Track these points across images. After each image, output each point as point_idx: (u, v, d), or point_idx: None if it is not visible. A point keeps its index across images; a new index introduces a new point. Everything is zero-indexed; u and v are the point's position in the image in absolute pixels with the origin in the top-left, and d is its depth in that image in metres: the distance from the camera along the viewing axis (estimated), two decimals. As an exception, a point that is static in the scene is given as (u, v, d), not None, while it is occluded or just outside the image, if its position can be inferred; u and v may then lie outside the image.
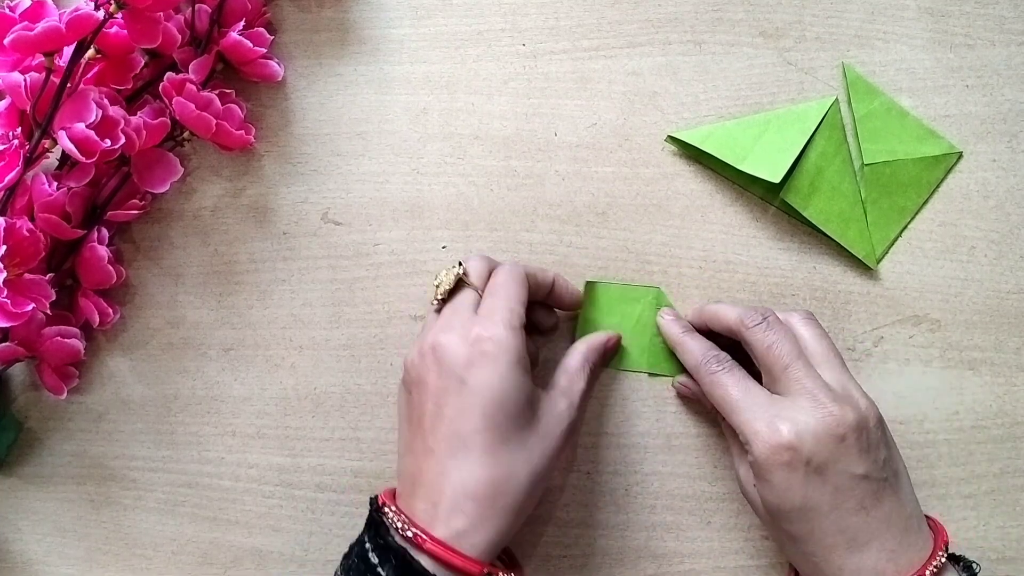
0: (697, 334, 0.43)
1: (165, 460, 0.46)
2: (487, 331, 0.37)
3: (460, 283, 0.40)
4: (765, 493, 0.37)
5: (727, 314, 0.41)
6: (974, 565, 0.37)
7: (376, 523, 0.37)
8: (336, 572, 0.37)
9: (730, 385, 0.39)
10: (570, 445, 0.43)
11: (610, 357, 0.44)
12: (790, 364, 0.38)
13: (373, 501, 0.38)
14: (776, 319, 0.40)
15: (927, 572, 0.35)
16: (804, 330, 0.40)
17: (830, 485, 0.36)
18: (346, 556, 0.37)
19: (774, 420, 0.37)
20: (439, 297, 0.40)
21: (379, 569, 0.35)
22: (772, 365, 0.38)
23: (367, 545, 0.36)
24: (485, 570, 0.35)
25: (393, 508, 0.36)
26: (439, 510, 0.35)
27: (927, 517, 0.38)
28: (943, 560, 0.36)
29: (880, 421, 0.38)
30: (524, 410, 0.37)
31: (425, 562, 0.35)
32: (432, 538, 0.35)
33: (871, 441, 0.37)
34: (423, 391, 0.37)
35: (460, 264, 0.40)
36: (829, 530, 0.36)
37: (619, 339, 0.44)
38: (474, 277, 0.40)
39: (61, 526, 0.46)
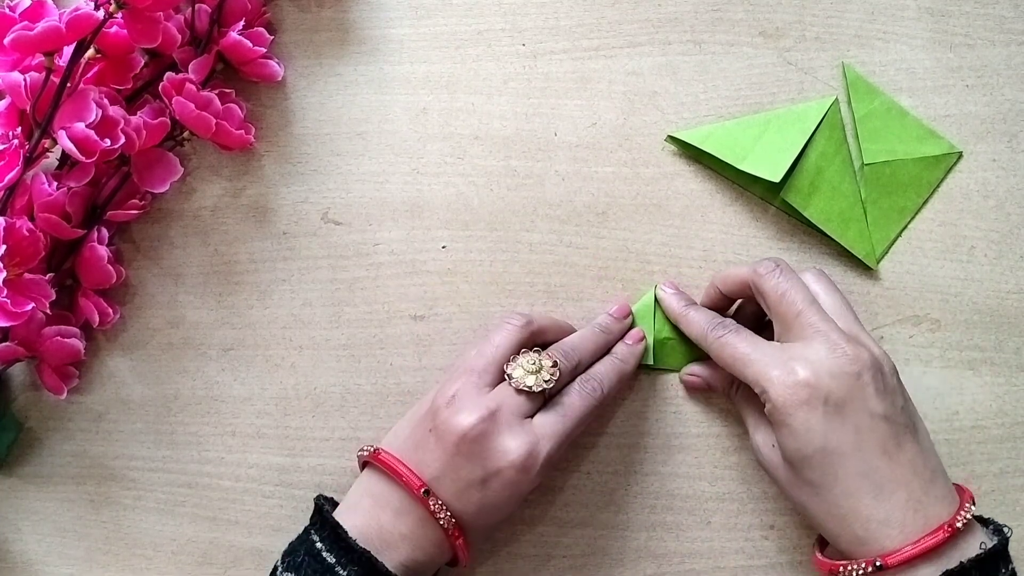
0: (699, 306, 0.43)
1: (165, 460, 0.46)
2: (533, 460, 0.37)
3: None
4: (786, 441, 0.37)
5: (738, 270, 0.41)
6: (1005, 529, 0.36)
7: (331, 524, 0.37)
8: (276, 567, 0.38)
9: (739, 343, 0.39)
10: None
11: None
12: (803, 309, 0.38)
13: (323, 500, 0.39)
14: (788, 267, 0.40)
15: (957, 523, 0.35)
16: (816, 285, 0.40)
17: (850, 423, 0.35)
18: (289, 554, 0.38)
19: (789, 362, 0.37)
20: (516, 381, 0.39)
21: (337, 568, 0.36)
22: (785, 312, 0.38)
23: (318, 545, 0.37)
24: (424, 488, 0.37)
25: (367, 446, 0.39)
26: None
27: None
28: (970, 515, 0.35)
29: (895, 370, 0.38)
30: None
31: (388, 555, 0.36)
32: (386, 452, 0.38)
33: (888, 384, 0.37)
34: (443, 451, 0.37)
35: (555, 370, 0.39)
36: (853, 473, 0.35)
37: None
38: (558, 387, 0.40)
39: (61, 526, 0.46)
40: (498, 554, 0.44)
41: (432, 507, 0.37)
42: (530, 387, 0.38)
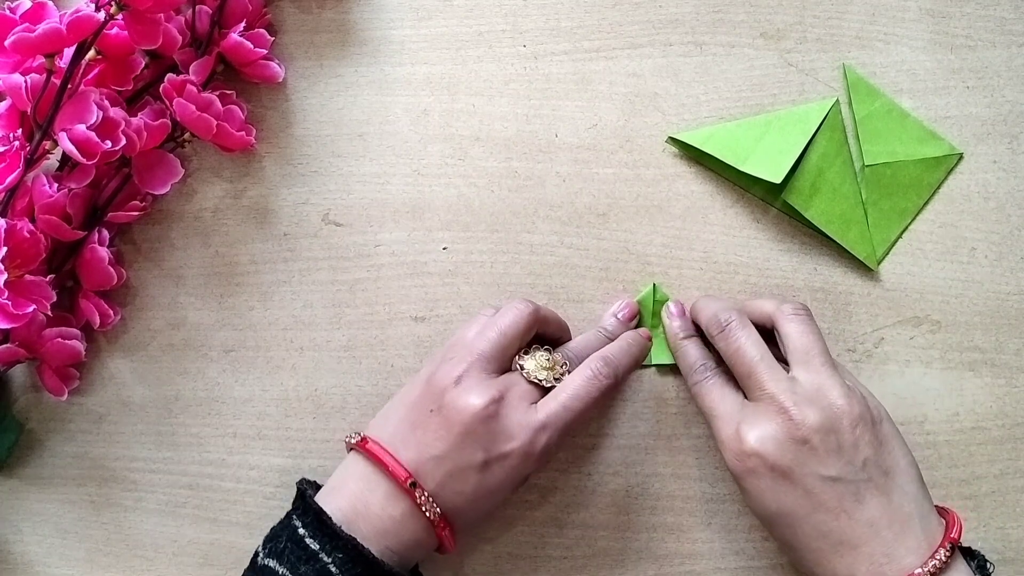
0: (695, 338, 0.43)
1: (166, 461, 0.46)
2: (538, 437, 0.37)
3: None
4: (746, 500, 0.38)
5: (700, 316, 0.42)
6: (988, 565, 0.36)
7: (315, 511, 0.37)
8: (257, 554, 0.37)
9: (708, 394, 0.40)
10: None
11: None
12: (751, 370, 0.38)
13: (305, 484, 0.39)
14: (738, 324, 0.40)
15: (924, 571, 0.34)
16: (789, 326, 0.39)
17: (799, 489, 0.36)
18: (271, 540, 0.38)
19: (739, 427, 0.37)
20: (531, 378, 0.39)
21: (322, 555, 0.36)
22: (737, 372, 0.39)
23: (300, 531, 0.37)
24: (410, 480, 0.37)
25: (353, 432, 0.39)
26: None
27: (944, 511, 0.37)
28: (943, 559, 0.34)
29: (862, 419, 0.36)
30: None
31: (372, 541, 0.36)
32: (374, 440, 0.38)
33: (843, 442, 0.36)
34: (449, 429, 0.37)
35: (565, 367, 0.40)
36: (811, 535, 0.36)
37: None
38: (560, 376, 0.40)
39: (62, 527, 0.46)
40: (498, 554, 0.44)
41: (418, 499, 0.37)
42: (541, 380, 0.39)
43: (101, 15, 0.40)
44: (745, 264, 0.45)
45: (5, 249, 0.39)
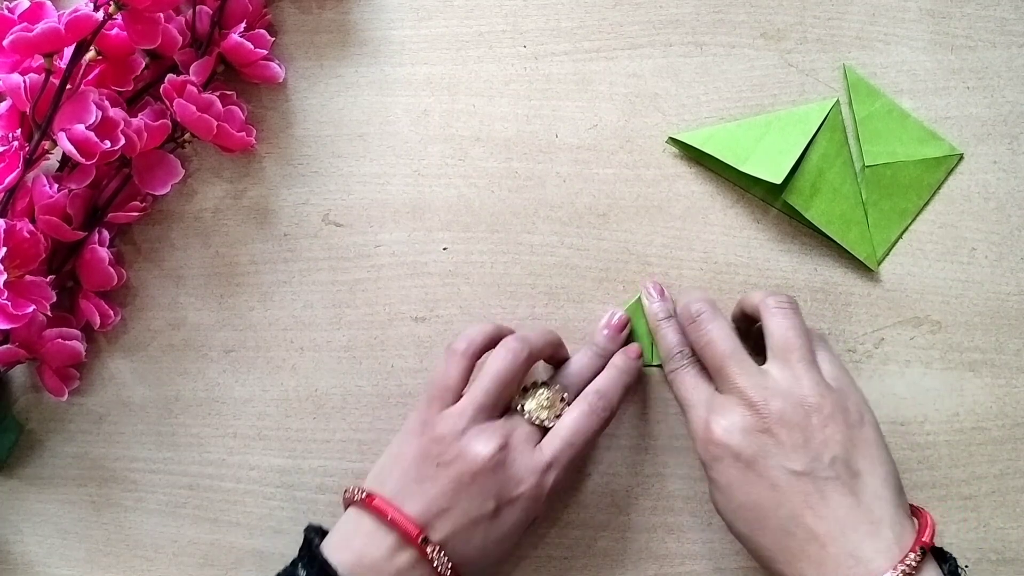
0: (674, 323, 0.43)
1: (166, 462, 0.46)
2: (546, 476, 0.38)
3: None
4: (714, 496, 0.38)
5: (677, 306, 0.42)
6: (961, 571, 0.36)
7: (320, 562, 0.36)
8: None
9: (682, 383, 0.40)
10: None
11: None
12: (721, 364, 0.38)
13: (312, 532, 0.38)
14: (709, 316, 0.40)
15: (893, 575, 0.33)
16: (771, 320, 0.39)
17: (765, 481, 0.35)
18: None
19: (708, 417, 0.38)
20: (535, 422, 0.39)
21: None
22: (708, 364, 0.39)
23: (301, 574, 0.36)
24: (421, 536, 0.36)
25: (355, 488, 0.38)
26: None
27: (917, 512, 0.36)
28: (913, 563, 0.33)
29: (833, 418, 0.36)
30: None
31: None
32: (380, 497, 0.37)
33: (810, 437, 0.35)
34: (453, 476, 0.37)
35: (564, 402, 0.40)
36: (778, 531, 0.35)
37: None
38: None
39: (62, 528, 0.46)
40: (499, 556, 0.44)
41: (429, 554, 0.36)
42: (543, 421, 0.39)
43: (99, 15, 0.40)
44: (745, 264, 0.45)
45: (5, 249, 0.39)
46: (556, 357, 0.43)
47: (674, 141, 0.46)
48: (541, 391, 0.40)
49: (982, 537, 0.43)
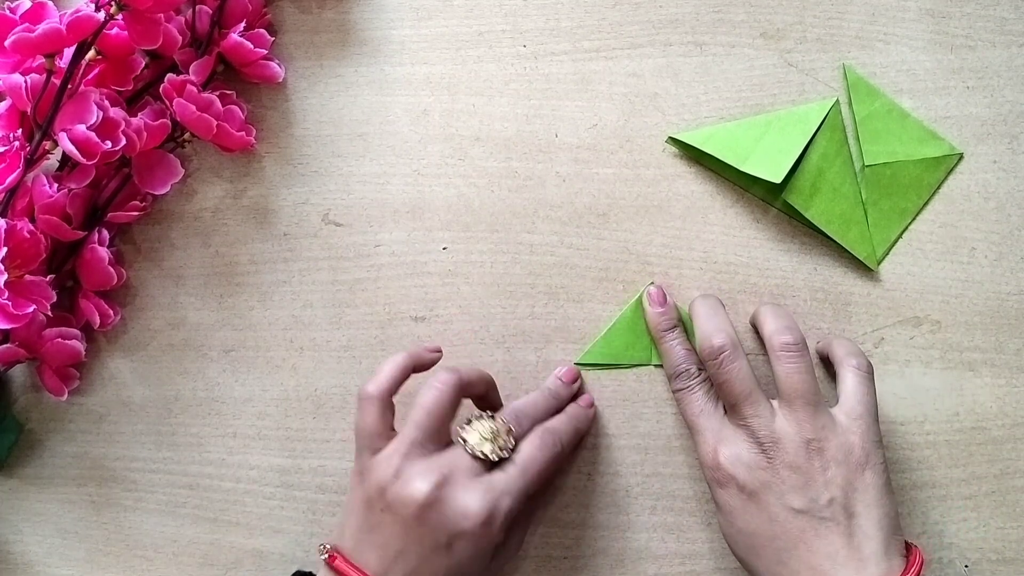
0: (679, 335, 0.43)
1: (166, 461, 0.46)
2: (492, 517, 0.36)
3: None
4: (718, 516, 0.40)
5: (698, 341, 0.41)
6: None
7: None
8: None
9: (690, 406, 0.41)
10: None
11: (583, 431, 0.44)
12: (737, 402, 0.39)
13: None
14: (731, 355, 0.39)
15: None
16: (778, 365, 0.39)
17: (765, 513, 0.37)
18: None
19: (717, 445, 0.39)
20: (469, 446, 0.38)
21: None
22: (725, 400, 0.40)
23: None
24: None
25: (321, 547, 0.37)
26: None
27: (911, 550, 0.37)
28: None
29: (836, 462, 0.37)
30: (484, 570, 0.38)
31: None
32: (340, 556, 0.37)
33: (810, 480, 0.37)
34: (395, 523, 0.36)
35: (511, 438, 0.39)
36: (772, 559, 0.37)
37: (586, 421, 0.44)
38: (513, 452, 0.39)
39: (62, 527, 0.46)
40: (499, 555, 0.44)
41: None
42: (486, 455, 0.38)
43: (101, 15, 0.40)
44: (745, 264, 0.45)
45: (5, 249, 0.39)
46: (488, 399, 0.42)
47: (674, 141, 0.46)
48: (485, 422, 0.39)
49: (982, 537, 0.43)
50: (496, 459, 0.38)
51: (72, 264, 0.45)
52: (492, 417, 0.39)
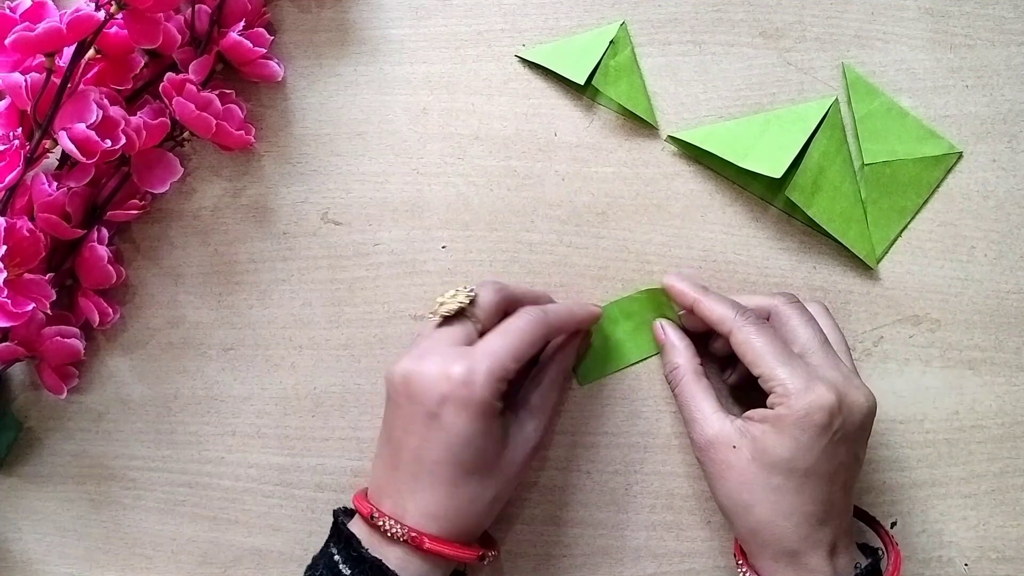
0: (713, 293, 0.42)
1: (165, 460, 0.46)
2: (470, 375, 0.36)
3: (462, 311, 0.39)
4: (778, 448, 0.36)
5: (751, 299, 0.41)
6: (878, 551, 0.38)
7: (346, 536, 0.37)
8: None
9: (768, 340, 0.38)
10: (536, 459, 0.43)
11: (582, 353, 0.44)
12: (818, 347, 0.38)
13: (340, 513, 0.39)
14: (802, 307, 0.40)
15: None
16: (822, 320, 0.40)
17: (839, 458, 0.36)
18: (311, 568, 0.38)
19: (816, 381, 0.36)
20: (438, 316, 0.39)
21: None
22: (804, 345, 0.39)
23: (336, 557, 0.37)
24: (481, 553, 0.38)
25: (384, 515, 0.37)
26: (404, 523, 0.37)
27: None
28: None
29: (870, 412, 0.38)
30: (491, 447, 0.37)
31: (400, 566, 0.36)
32: (431, 537, 0.36)
33: (868, 431, 0.38)
34: (395, 412, 0.38)
35: (471, 291, 0.39)
36: (816, 498, 0.36)
37: (586, 333, 0.44)
38: (480, 310, 0.39)
39: (61, 525, 0.46)
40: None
41: (382, 526, 0.36)
42: (448, 311, 0.38)
43: (101, 14, 0.40)
44: (744, 263, 0.45)
45: (4, 248, 0.39)
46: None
47: (673, 139, 0.46)
48: (447, 291, 0.39)
49: (982, 535, 0.43)
50: (458, 307, 0.38)
51: (71, 262, 0.45)
52: (461, 287, 0.39)
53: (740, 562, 0.39)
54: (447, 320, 0.39)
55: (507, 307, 0.40)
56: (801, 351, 0.38)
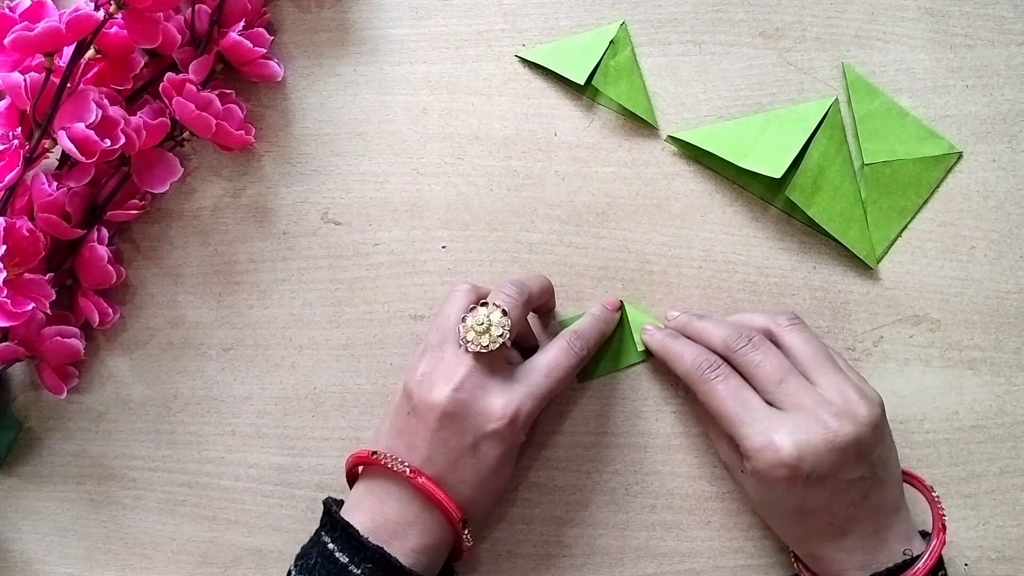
0: (683, 337, 0.42)
1: (165, 460, 0.46)
2: (516, 416, 0.38)
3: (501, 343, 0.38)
4: (760, 496, 0.39)
5: (712, 336, 0.41)
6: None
7: (342, 525, 0.37)
8: (289, 572, 0.38)
9: (726, 396, 0.38)
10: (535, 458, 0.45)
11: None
12: (783, 379, 0.38)
13: (331, 503, 0.39)
14: (760, 338, 0.40)
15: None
16: (791, 336, 0.40)
17: (827, 490, 0.37)
18: (301, 557, 0.38)
19: (774, 436, 0.37)
20: (476, 346, 0.38)
21: (351, 567, 0.36)
22: (765, 383, 0.38)
23: (330, 546, 0.37)
24: (463, 517, 0.38)
25: (385, 455, 0.38)
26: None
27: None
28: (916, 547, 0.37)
29: (878, 420, 0.37)
30: (511, 471, 0.40)
31: (402, 554, 0.37)
32: (424, 475, 0.37)
33: (867, 447, 0.37)
34: (421, 427, 0.38)
35: (504, 314, 0.38)
36: (820, 525, 0.38)
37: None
38: (513, 330, 0.38)
39: (61, 525, 0.46)
40: (497, 552, 0.44)
41: (418, 482, 0.37)
42: (486, 347, 0.38)
43: (100, 14, 0.40)
44: (744, 263, 0.45)
45: (4, 247, 0.39)
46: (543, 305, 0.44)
47: (673, 139, 0.46)
48: (474, 313, 0.38)
49: (982, 535, 0.43)
50: (497, 347, 0.38)
51: (71, 262, 0.45)
52: (485, 304, 0.39)
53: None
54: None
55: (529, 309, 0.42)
56: (764, 391, 0.39)
